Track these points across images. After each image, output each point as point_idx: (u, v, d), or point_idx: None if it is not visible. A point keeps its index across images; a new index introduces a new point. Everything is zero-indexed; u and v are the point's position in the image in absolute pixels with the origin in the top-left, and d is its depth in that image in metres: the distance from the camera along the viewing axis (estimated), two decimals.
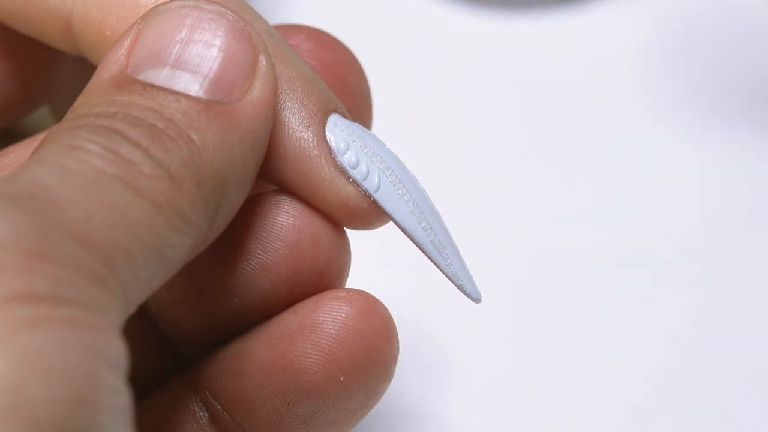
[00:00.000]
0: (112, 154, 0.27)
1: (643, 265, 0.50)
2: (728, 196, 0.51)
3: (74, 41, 0.33)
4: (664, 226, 0.51)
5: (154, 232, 0.27)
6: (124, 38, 0.29)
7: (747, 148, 0.53)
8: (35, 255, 0.24)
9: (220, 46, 0.29)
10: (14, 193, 0.25)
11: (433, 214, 0.32)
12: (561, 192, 0.52)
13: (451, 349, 0.47)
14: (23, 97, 0.36)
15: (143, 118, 0.28)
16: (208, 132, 0.28)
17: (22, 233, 0.24)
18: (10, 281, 0.24)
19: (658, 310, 0.49)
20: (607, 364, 0.47)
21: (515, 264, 0.50)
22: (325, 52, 0.34)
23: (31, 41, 0.34)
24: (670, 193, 0.52)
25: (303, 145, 0.31)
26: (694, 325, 0.48)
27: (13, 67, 0.36)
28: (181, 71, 0.29)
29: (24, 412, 0.23)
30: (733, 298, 0.49)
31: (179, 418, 0.32)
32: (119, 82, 0.29)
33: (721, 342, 0.48)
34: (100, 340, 0.24)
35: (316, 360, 0.31)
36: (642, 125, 0.54)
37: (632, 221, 0.51)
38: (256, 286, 0.31)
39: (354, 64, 0.35)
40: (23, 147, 0.34)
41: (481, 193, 0.52)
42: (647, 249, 0.50)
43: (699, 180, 0.52)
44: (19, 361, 0.23)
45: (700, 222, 0.51)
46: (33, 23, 0.33)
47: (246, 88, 0.29)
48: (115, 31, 0.31)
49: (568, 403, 0.46)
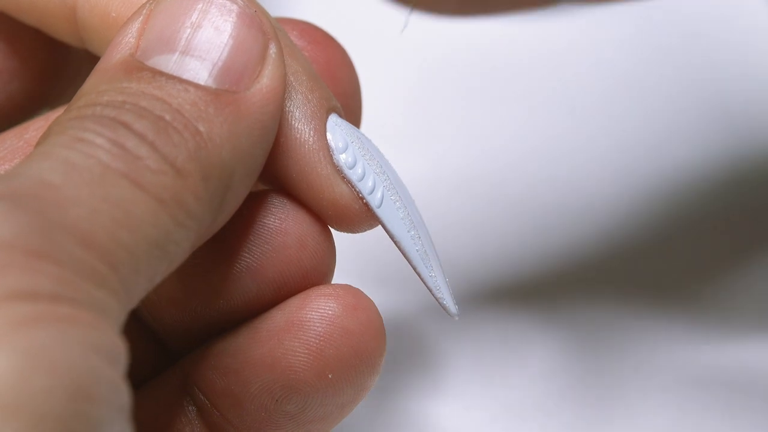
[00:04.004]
0: (118, 148, 0.27)
1: (643, 264, 0.50)
2: (728, 196, 0.52)
3: (79, 29, 0.32)
4: (666, 226, 0.51)
5: (158, 229, 0.27)
6: (135, 19, 0.29)
7: (747, 148, 0.53)
8: (37, 255, 0.24)
9: (231, 32, 0.29)
10: (18, 191, 0.26)
11: (422, 225, 0.32)
12: (559, 192, 0.52)
13: (444, 347, 0.47)
14: (28, 96, 0.36)
15: (150, 109, 0.27)
16: (215, 123, 0.28)
17: (25, 233, 0.24)
18: (12, 280, 0.24)
19: (657, 309, 0.49)
20: (606, 364, 0.47)
21: (513, 263, 0.50)
22: (317, 48, 0.34)
23: (37, 41, 0.34)
24: (670, 193, 0.52)
25: (303, 138, 0.31)
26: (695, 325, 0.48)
27: (18, 67, 0.36)
28: (191, 57, 0.29)
29: (26, 407, 0.23)
30: (734, 298, 0.49)
31: (168, 412, 0.32)
32: (129, 67, 0.28)
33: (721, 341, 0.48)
34: (99, 338, 0.24)
35: (303, 358, 0.31)
36: (641, 125, 0.54)
37: (633, 221, 0.51)
38: (242, 287, 0.31)
39: (345, 60, 0.35)
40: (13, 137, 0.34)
41: (480, 192, 0.52)
42: (648, 249, 0.50)
43: (699, 180, 0.52)
44: (20, 358, 0.23)
45: (699, 222, 0.51)
46: (37, 10, 0.33)
47: (255, 76, 0.29)
48: (120, 13, 0.31)
49: (564, 404, 0.46)
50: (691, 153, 0.53)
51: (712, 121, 0.54)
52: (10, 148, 0.33)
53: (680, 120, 0.54)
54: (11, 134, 0.34)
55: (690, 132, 0.53)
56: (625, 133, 0.54)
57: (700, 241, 0.51)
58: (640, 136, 0.54)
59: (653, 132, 0.54)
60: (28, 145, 0.33)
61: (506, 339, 0.48)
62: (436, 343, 0.47)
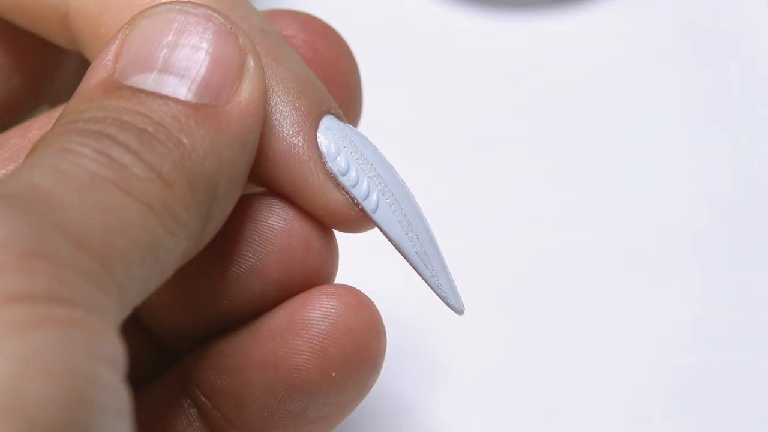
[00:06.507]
0: (103, 157, 0.27)
1: (643, 265, 0.50)
2: (729, 196, 0.51)
3: (72, 36, 0.32)
4: (665, 227, 0.51)
5: (149, 235, 0.27)
6: (111, 43, 0.29)
7: (747, 148, 0.53)
8: (32, 255, 0.24)
9: (207, 49, 0.29)
10: (10, 194, 0.25)
11: (421, 223, 0.32)
12: (560, 192, 0.52)
13: (445, 347, 0.47)
14: (26, 95, 0.36)
15: (132, 122, 0.28)
16: (197, 135, 0.28)
17: (19, 233, 0.24)
18: (8, 281, 0.24)
19: (657, 310, 0.49)
20: (605, 364, 0.47)
21: (513, 263, 0.50)
22: (318, 40, 0.34)
23: (34, 39, 0.34)
24: (671, 193, 0.52)
25: (293, 149, 0.31)
26: (694, 325, 0.48)
27: (15, 65, 0.35)
28: (169, 75, 0.29)
29: (22, 412, 0.23)
30: (733, 299, 0.49)
31: (168, 413, 0.32)
32: (107, 87, 0.28)
33: (721, 342, 0.48)
34: (97, 340, 0.24)
35: (307, 356, 0.31)
36: (642, 125, 0.54)
37: (632, 221, 0.51)
38: (246, 288, 0.31)
39: (346, 52, 0.35)
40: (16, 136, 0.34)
41: (480, 192, 0.52)
42: (647, 249, 0.50)
43: (699, 179, 0.52)
44: (17, 362, 0.23)
45: (700, 222, 0.51)
46: (31, 16, 0.33)
47: (234, 90, 0.29)
48: (110, 28, 0.31)
49: (564, 403, 0.46)
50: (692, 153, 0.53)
51: (713, 121, 0.54)
52: (14, 148, 0.33)
53: (680, 120, 0.54)
54: (14, 133, 0.34)
55: (690, 132, 0.53)
56: (626, 132, 0.54)
57: (699, 241, 0.50)
58: (640, 136, 0.54)
59: (654, 131, 0.54)
60: (31, 144, 0.33)
61: (507, 339, 0.48)
62: (436, 343, 0.47)
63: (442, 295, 0.32)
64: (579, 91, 0.55)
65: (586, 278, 0.49)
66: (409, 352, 0.47)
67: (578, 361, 0.47)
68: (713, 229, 0.51)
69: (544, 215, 0.51)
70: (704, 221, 0.51)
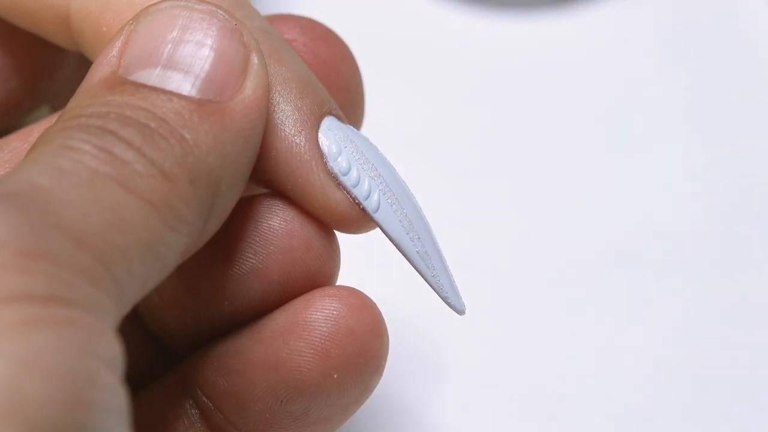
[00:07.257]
0: (105, 153, 0.27)
1: (642, 265, 0.50)
2: (728, 196, 0.51)
3: (73, 36, 0.32)
4: (666, 227, 0.51)
5: (150, 231, 0.27)
6: (116, 39, 0.29)
7: (747, 147, 0.53)
8: (31, 254, 0.24)
9: (212, 46, 0.29)
10: (9, 192, 0.25)
11: (422, 223, 0.32)
12: (560, 191, 0.52)
13: (446, 348, 0.47)
14: (25, 95, 0.36)
15: (135, 117, 0.28)
16: (200, 131, 0.28)
17: (18, 233, 0.24)
18: (7, 281, 0.24)
19: (656, 310, 0.49)
20: (605, 364, 0.47)
21: (514, 263, 0.50)
22: (319, 44, 0.34)
23: (34, 40, 0.34)
24: (670, 193, 0.52)
25: (294, 149, 0.31)
26: (694, 325, 0.48)
27: (15, 65, 0.36)
28: (173, 71, 0.29)
29: (21, 413, 0.23)
30: (733, 298, 0.49)
31: (169, 414, 0.32)
32: (111, 83, 0.28)
33: (720, 341, 0.48)
34: (96, 340, 0.24)
35: (309, 358, 0.31)
36: (642, 125, 0.54)
37: (633, 221, 0.51)
38: (247, 289, 0.31)
39: (348, 56, 0.35)
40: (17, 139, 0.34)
41: (480, 192, 0.52)
42: (647, 249, 0.50)
43: (699, 180, 0.52)
44: (15, 362, 0.23)
45: (700, 222, 0.51)
46: (31, 16, 0.33)
47: (238, 86, 0.29)
48: (111, 27, 0.31)
49: (565, 404, 0.46)
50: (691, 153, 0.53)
51: (713, 121, 0.54)
52: (14, 151, 0.34)
53: (680, 120, 0.54)
54: (15, 137, 0.34)
55: (690, 131, 0.53)
56: (626, 132, 0.54)
57: (700, 241, 0.50)
58: (640, 136, 0.54)
59: (654, 131, 0.54)
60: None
61: (508, 339, 0.48)
62: (437, 344, 0.47)
63: (443, 296, 0.32)
64: (579, 91, 0.55)
65: (586, 278, 0.49)
66: (410, 353, 0.47)
67: (579, 361, 0.47)
68: (713, 230, 0.51)
69: (544, 214, 0.51)
70: (704, 221, 0.51)
